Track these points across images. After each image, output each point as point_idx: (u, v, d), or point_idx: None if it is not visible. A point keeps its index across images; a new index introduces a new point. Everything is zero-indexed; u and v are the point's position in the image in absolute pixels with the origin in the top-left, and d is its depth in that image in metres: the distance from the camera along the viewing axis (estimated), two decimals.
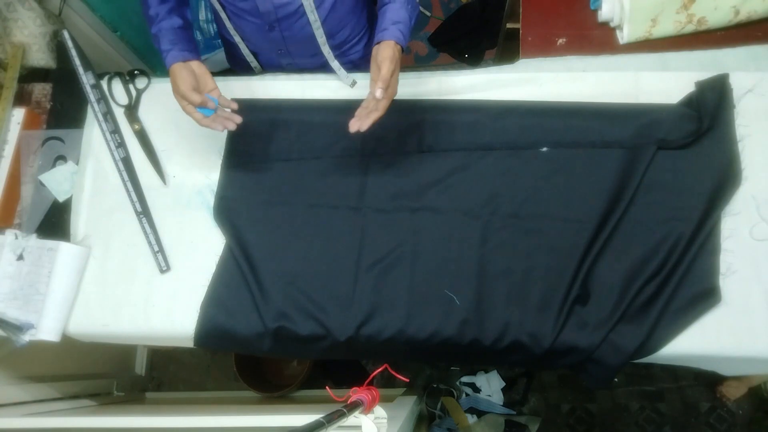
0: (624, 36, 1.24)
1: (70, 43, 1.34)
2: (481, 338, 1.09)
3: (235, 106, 1.08)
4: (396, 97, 1.27)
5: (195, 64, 1.07)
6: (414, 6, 1.10)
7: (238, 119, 1.09)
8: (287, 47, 1.23)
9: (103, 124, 1.33)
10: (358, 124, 1.01)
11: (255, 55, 1.33)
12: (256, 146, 1.26)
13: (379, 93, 0.97)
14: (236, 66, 1.44)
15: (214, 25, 2.20)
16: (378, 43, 1.02)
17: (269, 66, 1.36)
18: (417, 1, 1.12)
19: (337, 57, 1.28)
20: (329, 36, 1.24)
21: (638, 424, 1.95)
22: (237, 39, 1.27)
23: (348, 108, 1.26)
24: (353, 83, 1.28)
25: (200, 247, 1.23)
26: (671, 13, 1.20)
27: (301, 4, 1.13)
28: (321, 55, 1.26)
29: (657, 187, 1.12)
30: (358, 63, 1.37)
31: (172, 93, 1.05)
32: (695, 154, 1.13)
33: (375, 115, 1.01)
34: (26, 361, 1.53)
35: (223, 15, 1.21)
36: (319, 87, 1.31)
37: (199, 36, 2.04)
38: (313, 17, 1.16)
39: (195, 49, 1.11)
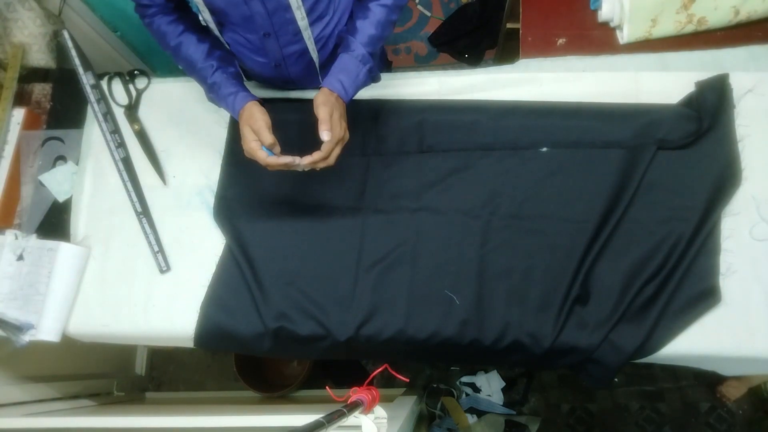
0: (624, 36, 1.24)
1: (70, 43, 1.34)
2: (481, 338, 1.09)
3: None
4: (396, 97, 1.27)
5: (260, 109, 1.06)
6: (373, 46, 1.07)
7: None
8: (293, 81, 1.23)
9: (103, 124, 1.33)
10: (309, 161, 1.02)
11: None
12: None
13: (324, 135, 1.00)
14: None
15: None
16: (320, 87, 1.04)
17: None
18: (385, 34, 1.09)
19: None
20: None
21: (638, 424, 1.95)
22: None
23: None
24: None
25: (200, 247, 1.23)
26: (671, 13, 1.20)
27: (306, 48, 1.12)
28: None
29: (657, 187, 1.12)
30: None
31: (242, 130, 1.03)
32: (695, 154, 1.13)
33: (323, 165, 1.03)
34: (26, 361, 1.53)
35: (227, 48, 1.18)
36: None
37: None
38: (315, 56, 1.15)
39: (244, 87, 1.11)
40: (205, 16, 1.07)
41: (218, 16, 1.07)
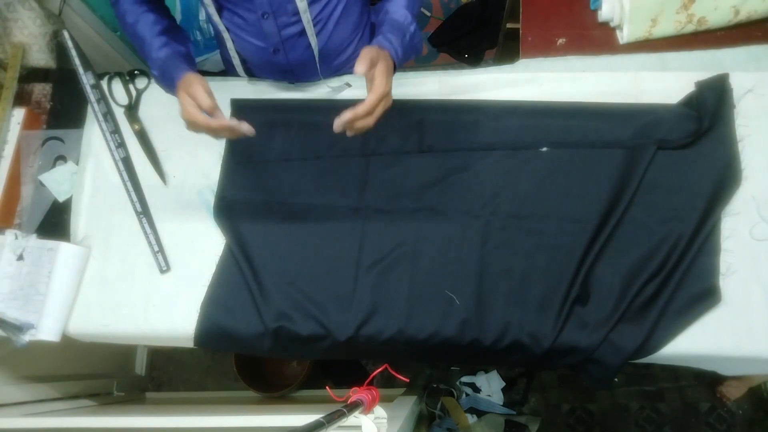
0: (624, 36, 1.24)
1: (70, 43, 1.34)
2: (481, 338, 1.09)
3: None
4: (396, 97, 1.27)
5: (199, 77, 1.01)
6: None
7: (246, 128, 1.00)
8: (292, 69, 1.23)
9: (103, 124, 1.33)
10: (350, 116, 0.93)
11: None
12: (256, 146, 1.25)
13: (359, 67, 0.89)
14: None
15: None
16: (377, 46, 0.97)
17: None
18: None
19: (337, 76, 1.29)
20: (333, 57, 1.24)
21: (638, 424, 1.95)
22: (236, 62, 1.25)
23: (347, 108, 1.26)
24: (347, 85, 1.28)
25: (200, 247, 1.23)
26: (671, 13, 1.20)
27: (303, 29, 1.12)
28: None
29: (657, 187, 1.12)
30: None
31: (182, 99, 0.96)
32: (695, 154, 1.13)
33: (362, 124, 0.95)
34: (26, 361, 1.53)
35: (226, 36, 1.19)
36: (319, 87, 1.31)
37: (198, 36, 2.04)
38: (314, 41, 1.15)
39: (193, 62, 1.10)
40: None
41: None
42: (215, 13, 1.10)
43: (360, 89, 1.28)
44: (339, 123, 0.93)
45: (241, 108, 1.29)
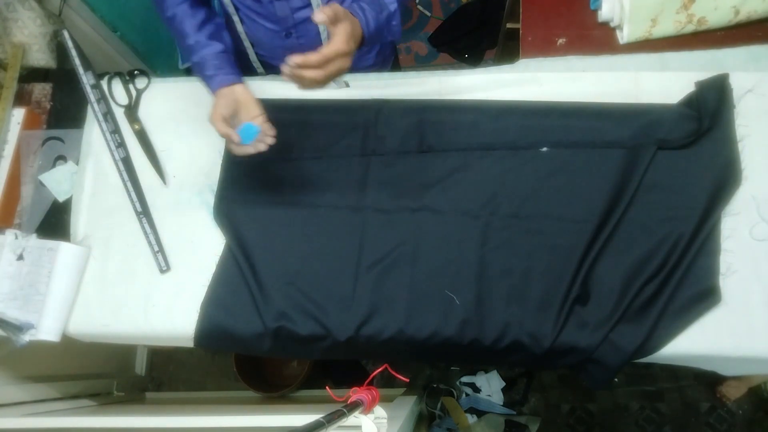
0: (624, 36, 1.24)
1: (70, 43, 1.34)
2: (481, 338, 1.09)
3: (271, 134, 1.07)
4: (396, 97, 1.27)
5: (239, 89, 1.07)
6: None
7: (270, 141, 1.07)
8: (303, 50, 1.22)
9: (103, 124, 1.33)
10: (299, 60, 0.88)
11: (263, 64, 1.31)
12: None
13: (317, 15, 0.85)
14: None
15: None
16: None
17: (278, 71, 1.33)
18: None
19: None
20: None
21: (638, 424, 1.95)
22: (247, 44, 1.25)
23: (348, 108, 1.26)
24: (346, 84, 1.28)
25: (200, 247, 1.24)
26: (671, 13, 1.20)
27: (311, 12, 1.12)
28: None
29: (657, 187, 1.12)
30: (368, 71, 1.35)
31: (222, 106, 1.04)
32: (695, 154, 1.13)
33: (311, 75, 0.90)
34: (26, 361, 1.53)
35: (236, 18, 1.19)
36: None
37: None
38: (323, 26, 1.13)
39: (239, 72, 1.11)
40: None
41: None
42: None
43: (359, 89, 1.29)
44: (288, 67, 0.88)
45: None
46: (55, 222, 1.31)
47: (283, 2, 1.08)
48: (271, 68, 1.34)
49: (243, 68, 1.36)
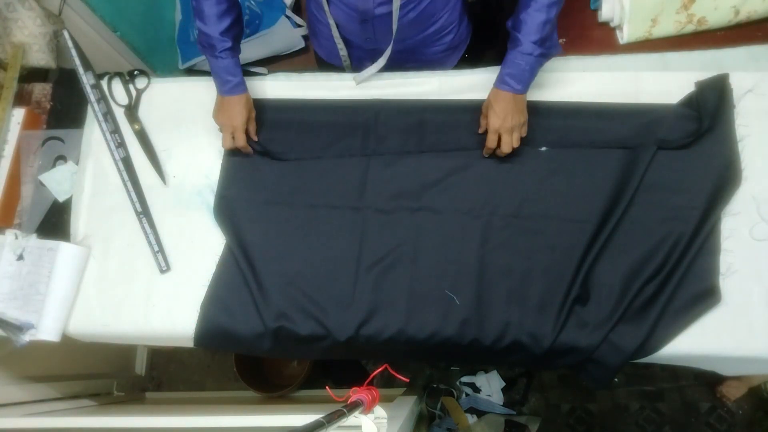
0: (624, 36, 1.24)
1: (70, 43, 1.34)
2: (481, 338, 1.09)
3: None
4: (396, 97, 1.27)
5: (246, 99, 1.18)
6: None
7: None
8: (375, 36, 1.21)
9: (103, 124, 1.33)
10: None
11: (343, 39, 1.29)
12: (257, 146, 1.25)
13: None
14: (319, 48, 1.41)
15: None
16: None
17: (355, 47, 1.31)
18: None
19: (425, 45, 1.28)
20: (416, 32, 1.23)
21: (638, 424, 1.95)
22: (331, 22, 1.23)
23: (348, 108, 1.26)
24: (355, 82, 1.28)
25: (200, 247, 1.23)
26: (671, 13, 1.21)
27: (392, 10, 1.11)
28: (404, 42, 1.24)
29: (657, 187, 1.12)
30: (440, 56, 1.34)
31: (219, 117, 1.17)
32: (695, 154, 1.13)
33: (499, 153, 1.14)
34: (26, 361, 1.53)
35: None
36: (319, 87, 1.31)
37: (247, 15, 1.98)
38: (395, 27, 1.14)
39: (242, 78, 1.18)
40: None
41: None
42: None
43: (359, 89, 1.28)
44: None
45: None
46: (55, 222, 1.30)
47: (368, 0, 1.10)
48: (351, 44, 1.31)
49: (325, 43, 1.34)
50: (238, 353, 1.92)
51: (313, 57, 1.49)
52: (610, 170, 1.14)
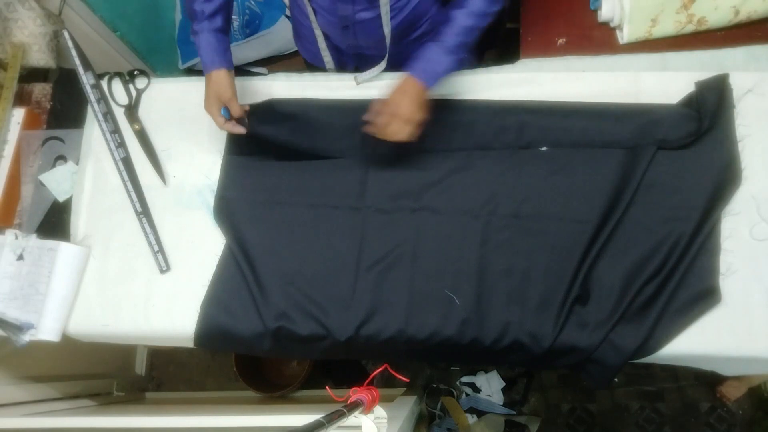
0: (624, 36, 1.24)
1: (70, 43, 1.34)
2: (481, 338, 1.09)
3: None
4: None
5: (225, 74, 1.12)
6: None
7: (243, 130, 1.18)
8: (357, 42, 1.22)
9: (103, 124, 1.33)
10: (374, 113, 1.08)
11: (330, 47, 1.31)
12: (256, 146, 1.25)
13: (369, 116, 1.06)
14: (302, 49, 1.41)
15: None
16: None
17: (338, 49, 1.32)
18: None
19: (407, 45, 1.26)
20: (405, 36, 1.22)
21: (638, 424, 1.95)
22: (318, 33, 1.24)
23: (348, 107, 1.26)
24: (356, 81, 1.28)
25: (200, 247, 1.24)
26: (671, 13, 1.20)
27: (379, 15, 1.12)
28: (397, 45, 1.24)
29: (657, 187, 1.12)
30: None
31: (207, 93, 1.12)
32: (695, 154, 1.13)
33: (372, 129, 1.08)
34: (26, 361, 1.53)
35: (309, 9, 1.18)
36: (319, 87, 1.31)
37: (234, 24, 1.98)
38: (387, 30, 1.14)
39: (230, 57, 1.14)
40: None
41: None
42: None
43: (359, 89, 1.29)
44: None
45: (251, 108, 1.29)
46: (55, 222, 1.31)
47: (347, 4, 1.09)
48: (334, 48, 1.32)
49: (309, 46, 1.34)
50: (238, 353, 1.92)
51: None
52: (610, 170, 1.14)
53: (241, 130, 1.17)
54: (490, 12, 1.04)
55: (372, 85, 1.28)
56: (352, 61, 1.31)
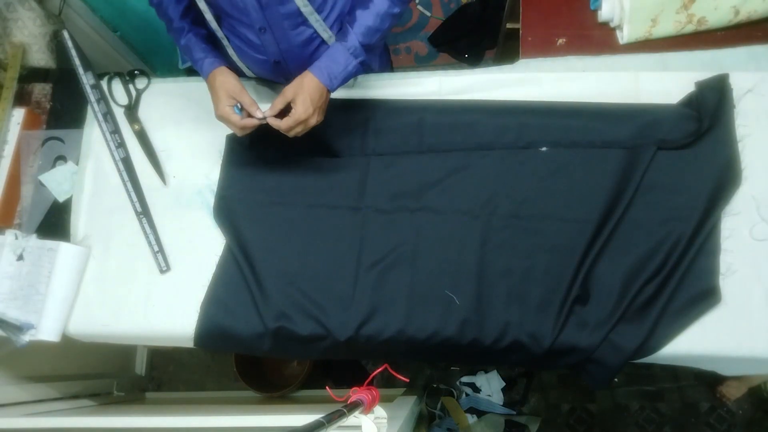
0: (624, 36, 1.24)
1: (70, 43, 1.34)
2: (481, 338, 1.09)
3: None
4: (396, 97, 1.27)
5: (225, 71, 1.09)
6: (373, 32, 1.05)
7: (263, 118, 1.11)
8: (291, 73, 1.17)
9: (103, 124, 1.33)
10: (270, 117, 1.06)
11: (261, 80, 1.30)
12: (256, 146, 1.25)
13: (258, 113, 1.05)
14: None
15: None
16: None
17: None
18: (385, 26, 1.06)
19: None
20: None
21: (638, 424, 1.95)
22: (240, 65, 1.22)
23: (348, 108, 1.26)
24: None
25: (200, 247, 1.24)
26: (671, 13, 1.20)
27: (313, 32, 1.10)
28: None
29: (657, 187, 1.12)
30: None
31: (216, 95, 1.07)
32: (695, 154, 1.13)
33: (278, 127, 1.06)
34: (26, 361, 1.53)
35: (226, 43, 1.16)
36: None
37: None
38: (327, 35, 1.11)
39: (222, 57, 1.13)
40: (201, 6, 1.07)
41: (214, 8, 1.06)
42: (213, 20, 1.10)
43: (359, 89, 1.29)
44: (260, 117, 1.06)
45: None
46: (55, 222, 1.30)
47: (268, 35, 1.07)
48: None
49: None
50: (238, 353, 1.92)
51: None
52: (610, 170, 1.14)
53: (260, 118, 1.07)
54: (392, 13, 1.05)
55: (371, 85, 1.29)
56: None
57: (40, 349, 1.22)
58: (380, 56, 1.39)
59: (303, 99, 1.02)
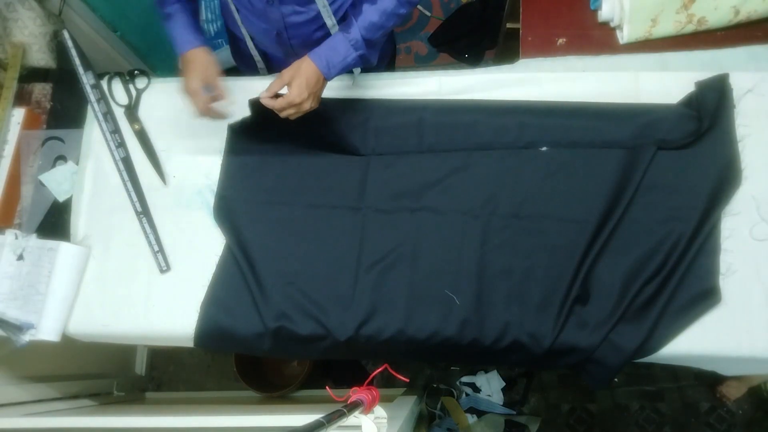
0: (624, 36, 1.24)
1: (70, 43, 1.34)
2: (481, 338, 1.09)
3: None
4: (396, 97, 1.27)
5: (205, 50, 1.12)
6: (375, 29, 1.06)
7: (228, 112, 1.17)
8: (294, 50, 1.23)
9: (103, 124, 1.33)
10: (267, 96, 1.07)
11: (260, 53, 1.32)
12: (256, 146, 1.25)
13: (263, 93, 1.05)
14: (241, 64, 1.43)
15: (215, 25, 2.18)
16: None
17: (276, 61, 1.34)
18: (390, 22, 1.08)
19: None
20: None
21: (638, 424, 1.95)
22: (243, 32, 1.25)
23: (348, 108, 1.26)
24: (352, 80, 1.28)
25: (200, 247, 1.23)
26: (671, 13, 1.20)
27: (317, 14, 1.12)
28: None
29: (657, 187, 1.12)
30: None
31: (190, 69, 1.10)
32: (695, 154, 1.13)
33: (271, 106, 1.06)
34: (26, 361, 1.53)
35: (232, 7, 1.19)
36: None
37: None
38: (331, 22, 1.14)
39: (203, 35, 1.14)
40: None
41: None
42: None
43: (359, 89, 1.28)
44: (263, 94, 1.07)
45: (253, 106, 1.29)
46: (55, 222, 1.30)
47: (275, 7, 1.10)
48: (267, 57, 1.34)
49: (243, 59, 1.35)
50: (238, 353, 1.92)
51: None
52: (610, 170, 1.14)
53: (226, 111, 1.14)
54: (398, 13, 1.07)
55: (371, 85, 1.29)
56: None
57: (40, 349, 1.22)
58: (382, 52, 1.39)
59: (299, 83, 1.03)
